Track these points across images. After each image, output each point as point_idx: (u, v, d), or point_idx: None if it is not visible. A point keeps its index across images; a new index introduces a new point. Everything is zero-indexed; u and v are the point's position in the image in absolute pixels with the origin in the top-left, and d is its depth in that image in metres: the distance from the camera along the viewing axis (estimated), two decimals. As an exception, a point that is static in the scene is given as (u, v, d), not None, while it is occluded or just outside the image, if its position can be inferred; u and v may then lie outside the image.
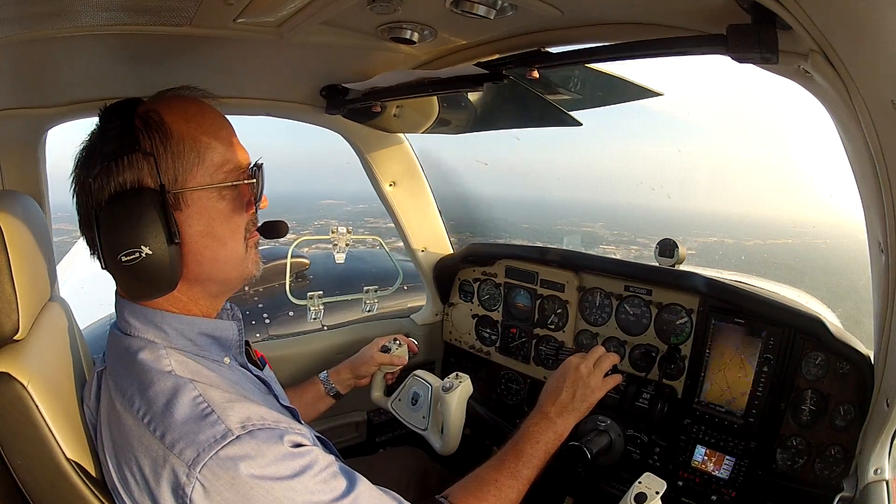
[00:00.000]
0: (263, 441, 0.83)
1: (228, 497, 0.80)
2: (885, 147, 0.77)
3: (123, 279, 0.93)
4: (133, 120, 0.92)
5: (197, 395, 0.86)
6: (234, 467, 0.80)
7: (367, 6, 0.94)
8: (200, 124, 0.96)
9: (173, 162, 0.92)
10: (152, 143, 0.91)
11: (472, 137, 2.07)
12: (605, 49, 1.06)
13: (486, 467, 1.27)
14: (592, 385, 1.42)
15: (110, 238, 0.89)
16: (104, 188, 0.90)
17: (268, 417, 0.87)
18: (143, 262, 0.89)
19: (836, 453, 1.30)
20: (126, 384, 0.91)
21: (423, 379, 1.68)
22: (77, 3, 0.88)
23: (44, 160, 1.52)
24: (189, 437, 0.82)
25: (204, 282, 0.99)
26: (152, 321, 0.96)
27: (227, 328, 1.05)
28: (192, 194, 0.94)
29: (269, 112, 1.70)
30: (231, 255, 1.00)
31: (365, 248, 3.58)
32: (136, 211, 0.88)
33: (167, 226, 0.90)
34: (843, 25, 0.69)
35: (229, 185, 0.97)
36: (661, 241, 1.70)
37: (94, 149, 0.93)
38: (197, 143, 0.94)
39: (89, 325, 2.79)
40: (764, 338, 1.43)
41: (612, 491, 1.56)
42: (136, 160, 0.90)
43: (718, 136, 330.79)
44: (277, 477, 0.82)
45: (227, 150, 0.98)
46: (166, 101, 0.97)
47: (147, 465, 0.83)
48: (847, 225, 10.24)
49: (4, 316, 0.90)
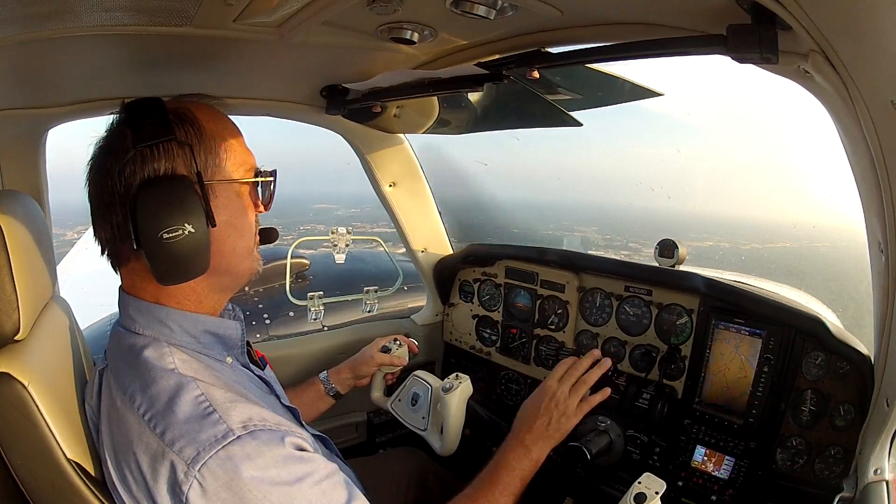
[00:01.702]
0: (264, 442, 0.83)
1: (226, 497, 0.80)
2: (885, 147, 0.77)
3: (160, 258, 0.92)
4: (167, 113, 0.96)
5: (199, 395, 0.86)
6: (233, 468, 0.80)
7: (367, 6, 0.94)
8: (224, 126, 1.03)
9: (204, 154, 0.97)
10: (187, 134, 0.96)
11: (469, 137, 2.07)
12: (605, 49, 1.06)
13: (463, 496, 1.26)
14: (568, 412, 1.41)
15: (150, 217, 0.90)
16: (136, 173, 0.92)
17: (269, 419, 0.87)
18: (185, 239, 0.91)
19: (836, 453, 1.30)
20: (127, 381, 0.91)
21: (423, 379, 1.68)
22: (77, 4, 0.88)
23: (44, 160, 1.52)
24: (190, 435, 0.82)
25: (220, 273, 1.01)
26: (157, 317, 0.97)
27: (232, 327, 1.06)
28: (219, 186, 0.99)
29: (270, 112, 1.70)
30: (246, 247, 1.05)
31: (368, 248, 3.58)
32: (179, 193, 0.92)
33: (207, 209, 0.94)
34: (843, 25, 0.69)
35: (250, 182, 1.05)
36: (661, 241, 1.70)
37: (122, 137, 0.94)
38: (224, 142, 1.00)
39: (89, 325, 2.79)
40: (764, 338, 1.43)
41: (612, 491, 1.55)
42: (172, 148, 0.94)
43: (718, 137, 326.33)
44: (277, 481, 0.82)
45: (244, 151, 1.05)
46: (190, 103, 1.02)
47: (146, 461, 0.83)
48: (847, 227, 10.24)
49: (5, 316, 0.90)
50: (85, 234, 6.12)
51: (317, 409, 1.66)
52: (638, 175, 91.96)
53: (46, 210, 1.51)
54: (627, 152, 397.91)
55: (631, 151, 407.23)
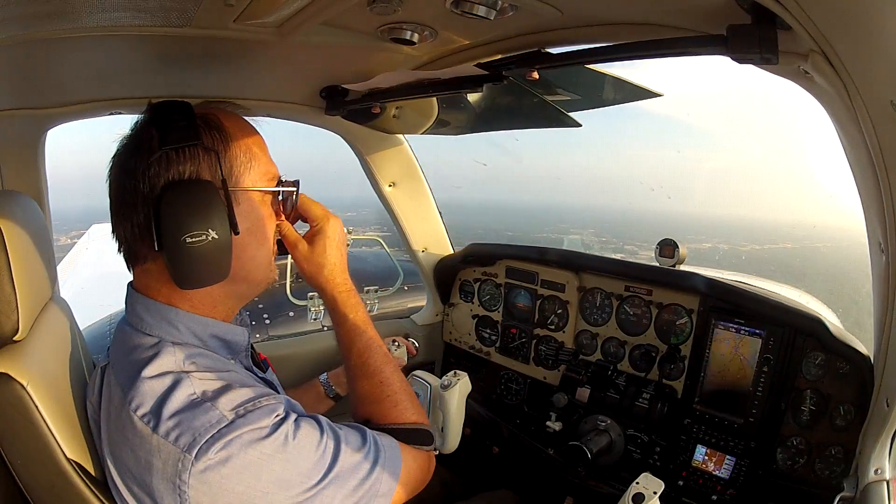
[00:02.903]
0: (255, 422, 0.86)
1: (227, 474, 0.82)
2: (884, 148, 0.77)
3: (181, 261, 0.92)
4: (194, 118, 0.96)
5: (192, 391, 0.87)
6: (231, 450, 0.82)
7: (367, 7, 0.94)
8: (250, 134, 1.04)
9: (230, 161, 0.98)
10: (213, 140, 0.96)
11: (467, 138, 2.07)
12: (605, 49, 1.06)
13: (345, 369, 1.18)
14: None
15: (174, 220, 0.90)
16: (160, 175, 0.92)
17: (256, 396, 0.90)
18: (208, 244, 0.91)
19: (836, 453, 1.31)
20: (125, 379, 0.91)
21: (422, 379, 1.68)
22: (77, 4, 0.88)
23: (44, 160, 1.52)
24: (184, 424, 0.83)
25: (238, 281, 1.01)
26: (166, 317, 0.97)
27: (239, 333, 1.06)
28: (243, 194, 0.99)
29: (269, 113, 1.70)
30: (265, 256, 1.05)
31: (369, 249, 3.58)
32: (205, 197, 0.92)
33: (231, 216, 0.94)
34: (843, 25, 0.69)
35: (274, 191, 1.05)
36: (661, 241, 1.71)
37: (149, 138, 0.94)
38: (249, 150, 1.01)
39: (89, 325, 2.79)
40: (764, 338, 1.43)
41: (613, 491, 1.56)
42: (198, 153, 0.94)
43: (718, 137, 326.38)
44: (271, 451, 0.85)
45: (269, 161, 1.05)
46: (217, 110, 1.02)
47: (141, 456, 0.85)
48: (848, 228, 10.24)
49: (4, 316, 0.90)
50: (80, 239, 6.13)
51: (316, 411, 1.66)
52: (637, 175, 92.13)
53: (46, 210, 1.51)
54: (626, 152, 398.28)
55: (630, 152, 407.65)
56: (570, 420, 1.73)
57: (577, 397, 1.70)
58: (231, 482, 0.83)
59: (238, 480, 0.83)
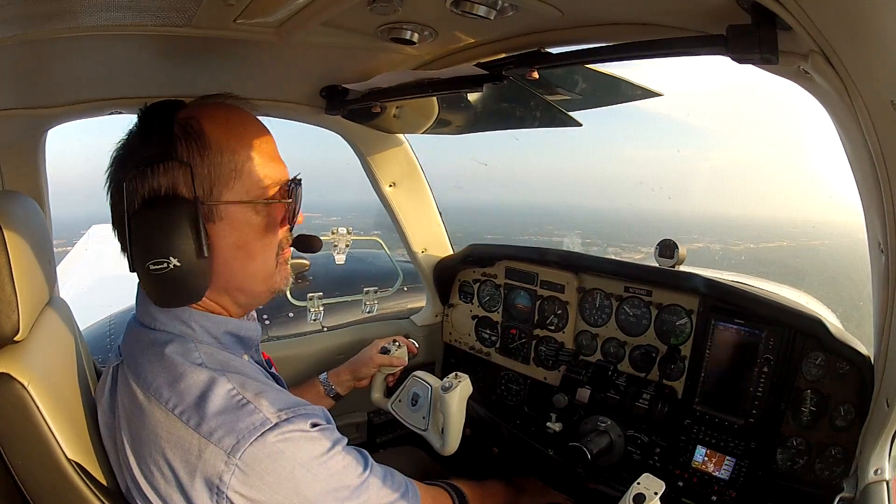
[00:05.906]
0: (298, 427, 0.86)
1: (270, 482, 0.82)
2: (884, 147, 0.78)
3: (150, 286, 0.92)
4: (172, 126, 0.92)
5: (231, 388, 0.87)
6: (273, 453, 0.83)
7: (368, 7, 0.94)
8: (242, 137, 0.96)
9: (210, 173, 0.92)
10: (189, 152, 0.91)
11: (466, 137, 2.07)
12: (605, 49, 1.06)
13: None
14: None
15: (141, 244, 0.89)
16: (138, 191, 0.90)
17: (296, 404, 0.90)
18: (170, 272, 0.88)
19: (836, 453, 1.31)
20: (151, 377, 0.90)
21: (422, 380, 1.68)
22: (77, 4, 0.88)
23: (44, 160, 1.52)
24: (227, 425, 0.83)
25: (233, 292, 1.00)
26: (179, 317, 0.97)
27: (253, 329, 1.06)
28: (226, 207, 0.94)
29: (269, 113, 1.70)
30: (260, 269, 1.00)
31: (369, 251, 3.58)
32: (169, 220, 0.88)
33: (198, 239, 0.89)
34: (843, 25, 0.69)
35: (264, 203, 0.97)
36: (661, 241, 1.71)
37: (131, 150, 0.94)
38: (236, 156, 0.94)
39: (89, 326, 2.79)
40: (764, 338, 1.43)
41: (613, 491, 1.55)
42: (172, 168, 0.90)
43: (718, 137, 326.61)
44: (312, 457, 0.86)
45: (267, 164, 0.98)
46: (209, 109, 0.97)
47: (178, 456, 0.84)
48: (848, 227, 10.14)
49: (4, 317, 0.90)
50: (73, 248, 6.13)
51: None
52: (636, 176, 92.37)
53: (46, 211, 1.51)
54: (625, 152, 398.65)
55: (630, 152, 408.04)
56: (571, 421, 1.73)
57: (577, 398, 1.70)
58: (271, 485, 0.83)
59: (278, 484, 0.83)
